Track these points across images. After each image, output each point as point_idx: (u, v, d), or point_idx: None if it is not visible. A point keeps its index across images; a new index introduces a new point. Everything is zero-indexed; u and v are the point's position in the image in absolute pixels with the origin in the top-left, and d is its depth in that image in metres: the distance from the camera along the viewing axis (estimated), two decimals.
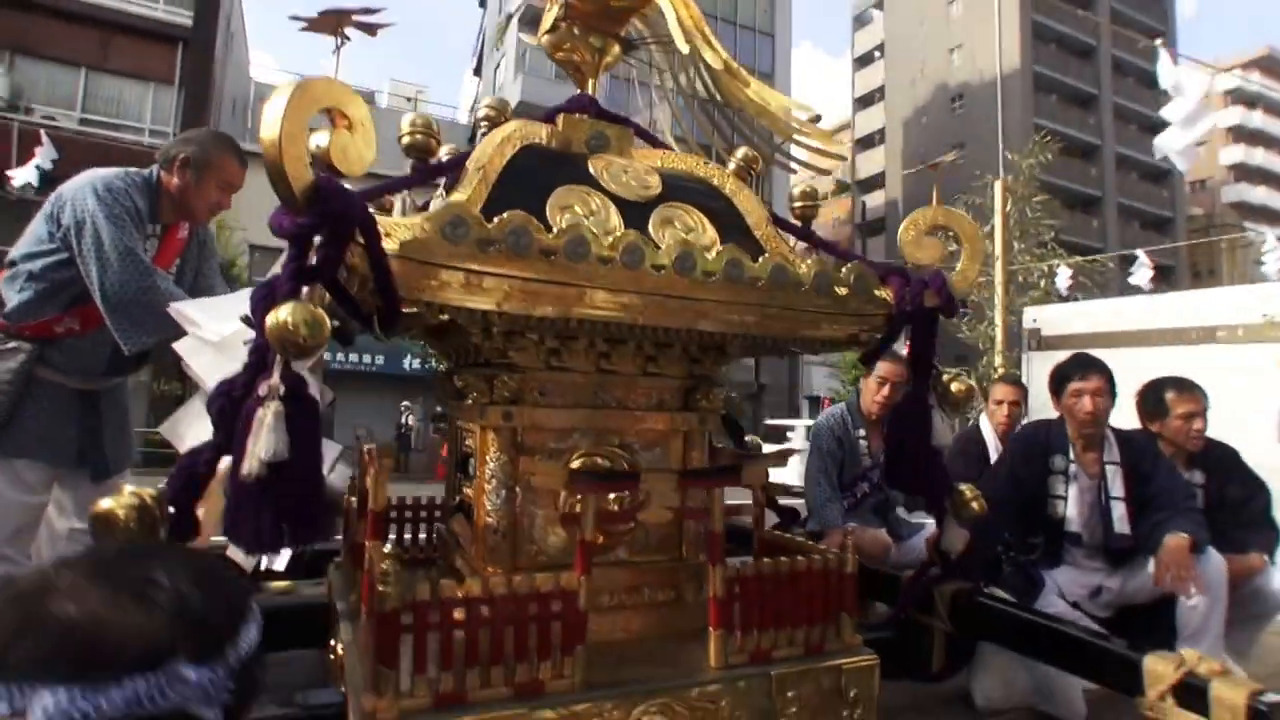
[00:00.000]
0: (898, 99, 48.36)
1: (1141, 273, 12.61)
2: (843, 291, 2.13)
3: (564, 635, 1.87)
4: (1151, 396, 3.26)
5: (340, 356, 20.02)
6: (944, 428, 2.27)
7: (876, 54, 52.04)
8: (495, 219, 1.75)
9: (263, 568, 2.35)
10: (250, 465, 1.49)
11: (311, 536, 1.57)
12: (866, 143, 52.03)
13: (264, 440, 1.50)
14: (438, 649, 1.75)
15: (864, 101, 53.07)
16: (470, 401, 2.21)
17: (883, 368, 3.58)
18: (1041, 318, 8.44)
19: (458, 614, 1.76)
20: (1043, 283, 15.75)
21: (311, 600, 2.72)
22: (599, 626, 2.22)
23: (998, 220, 12.07)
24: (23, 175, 14.50)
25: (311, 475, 1.57)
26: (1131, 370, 3.34)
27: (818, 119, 2.45)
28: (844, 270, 2.16)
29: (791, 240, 2.46)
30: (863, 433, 3.73)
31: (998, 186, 12.36)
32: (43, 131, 15.73)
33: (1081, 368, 3.07)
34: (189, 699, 0.77)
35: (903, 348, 2.53)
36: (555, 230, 1.80)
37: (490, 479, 2.16)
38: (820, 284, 2.08)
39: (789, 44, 34.67)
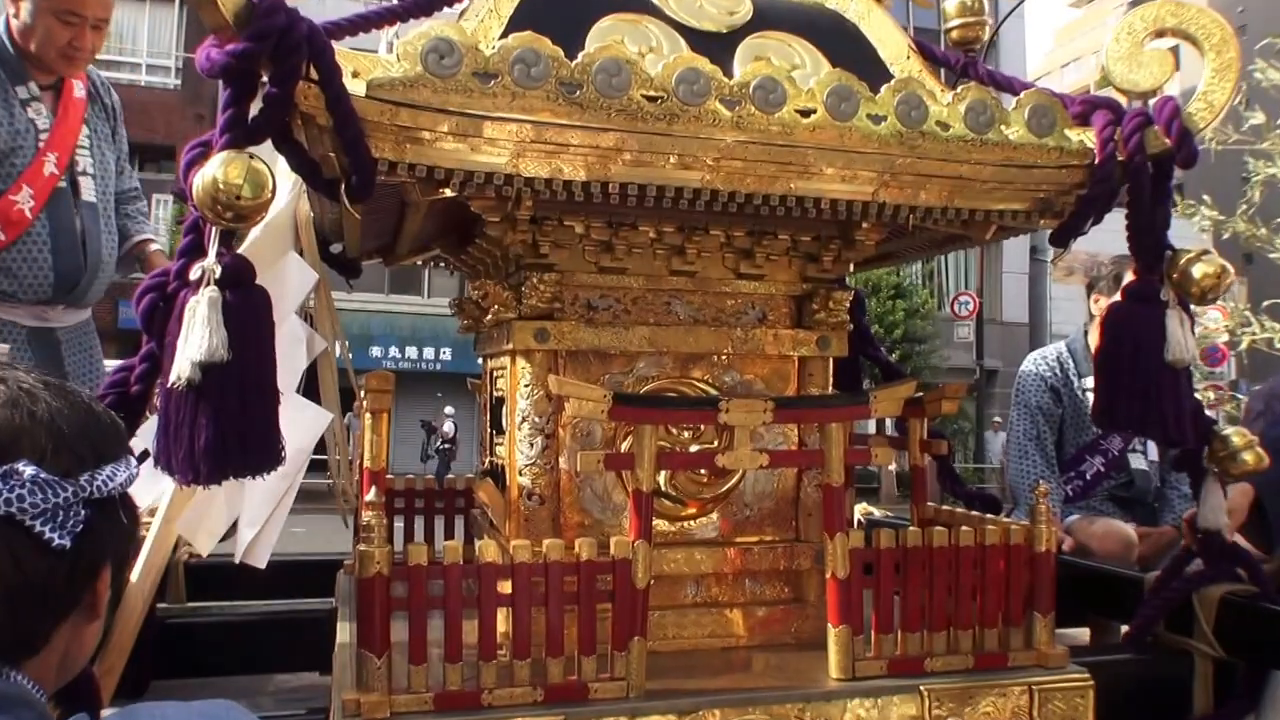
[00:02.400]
0: None
1: None
2: (1014, 133, 2.08)
3: (615, 622, 1.94)
4: None
5: (396, 351, 21.18)
6: (1183, 336, 2.16)
7: None
8: (498, 44, 1.83)
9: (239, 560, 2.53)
10: (180, 369, 1.63)
11: (260, 463, 1.69)
12: None
13: (196, 336, 1.63)
14: (443, 635, 1.85)
15: None
16: (492, 318, 2.32)
17: (1128, 271, 3.42)
18: None
19: (468, 584, 1.86)
20: None
21: (313, 611, 2.92)
22: (680, 631, 2.31)
23: None
24: None
25: (260, 385, 1.70)
26: None
27: None
28: (1018, 101, 2.11)
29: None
30: (1091, 383, 3.58)
31: None
32: None
33: None
34: (24, 504, 0.98)
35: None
36: (583, 57, 1.85)
37: (522, 424, 2.25)
38: (976, 121, 2.04)
39: None
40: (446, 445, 18.11)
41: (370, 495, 1.89)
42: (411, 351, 21.36)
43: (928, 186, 2.08)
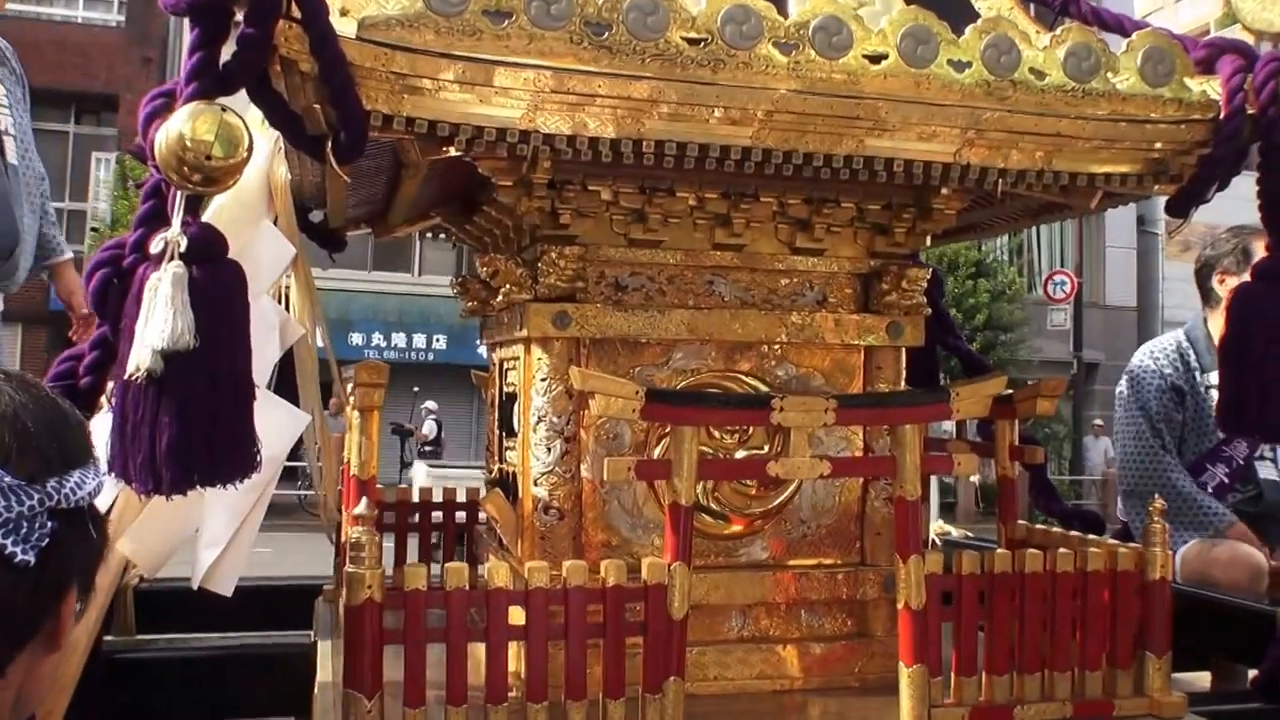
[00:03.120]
0: None
1: None
2: (1124, 82, 2.07)
3: (648, 660, 1.95)
4: None
5: (380, 339, 21.16)
6: None
7: None
8: None
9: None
10: (139, 357, 1.65)
11: (233, 470, 1.72)
12: None
13: (158, 319, 1.65)
14: (444, 674, 1.87)
15: None
16: (502, 299, 2.34)
17: (1257, 244, 3.39)
18: None
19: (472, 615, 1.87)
20: None
21: (287, 645, 2.95)
22: (724, 671, 2.32)
23: None
24: None
25: (233, 377, 1.72)
26: None
27: None
28: (1128, 45, 2.11)
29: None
30: (1215, 379, 3.55)
31: None
32: None
33: None
34: None
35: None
36: None
37: (538, 425, 2.27)
38: (1078, 69, 2.03)
39: None
40: (428, 448, 18.03)
41: (360, 507, 1.91)
42: (399, 338, 21.30)
43: (1020, 145, 2.08)
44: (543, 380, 2.27)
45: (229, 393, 1.72)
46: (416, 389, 18.80)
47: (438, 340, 21.51)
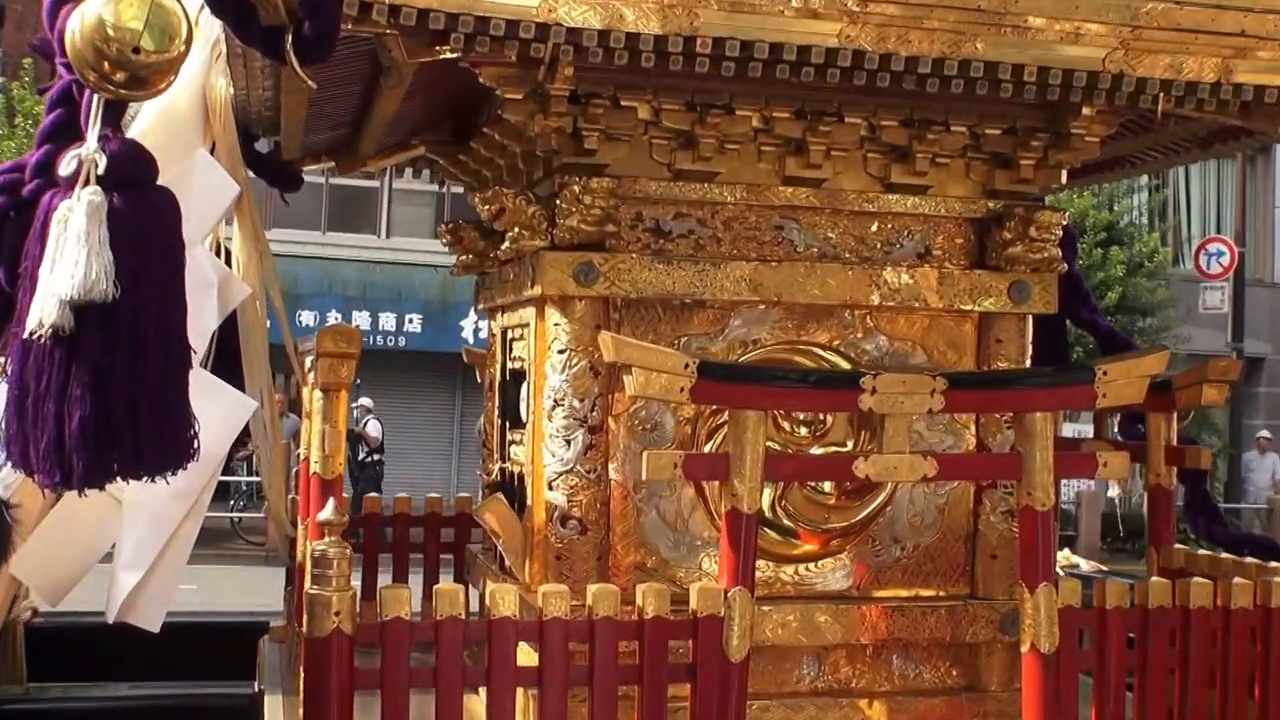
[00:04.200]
0: None
1: None
2: None
3: (697, 714, 1.94)
4: None
5: (336, 317, 20.81)
6: None
7: None
8: None
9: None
10: (44, 310, 1.63)
11: (164, 456, 1.70)
12: None
13: (69, 261, 1.63)
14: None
15: None
16: (509, 247, 2.31)
17: None
18: None
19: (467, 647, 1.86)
20: None
21: (225, 697, 2.95)
22: None
23: None
24: None
25: (164, 336, 1.69)
26: None
27: None
28: None
29: None
30: None
31: None
32: None
33: None
34: None
35: None
36: None
37: (554, 410, 2.26)
38: None
39: None
40: (372, 457, 17.76)
41: (326, 512, 1.90)
42: (361, 317, 20.92)
43: (1192, 49, 2.06)
44: (560, 353, 2.26)
45: (159, 357, 1.70)
46: (358, 380, 18.18)
47: (411, 321, 21.06)
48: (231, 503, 14.38)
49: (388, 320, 21.04)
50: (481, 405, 3.09)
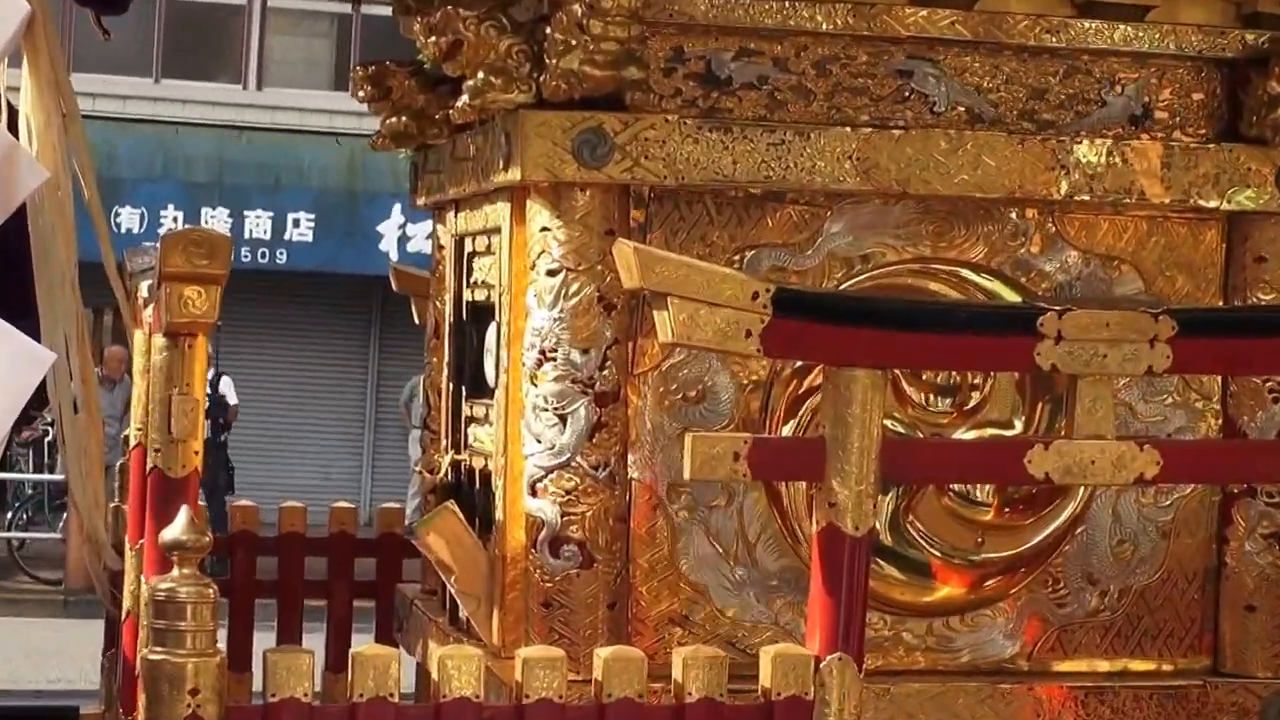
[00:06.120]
0: None
1: None
2: None
3: None
4: None
5: (175, 215, 16.47)
6: None
7: None
8: None
9: None
10: None
11: None
12: None
13: None
14: None
15: None
16: (469, 101, 1.88)
17: None
18: None
19: None
20: None
21: None
22: None
23: None
24: None
25: None
26: None
27: None
28: None
29: None
30: None
31: None
32: None
33: None
34: None
35: None
36: None
37: (541, 365, 1.87)
38: None
39: None
40: (221, 437, 14.14)
41: (175, 529, 1.44)
42: (218, 217, 15.06)
43: None
44: (551, 274, 1.80)
45: None
46: (219, 321, 14.72)
47: (297, 224, 16.59)
48: (10, 516, 12.31)
49: (259, 222, 15.99)
50: (417, 362, 2.59)
